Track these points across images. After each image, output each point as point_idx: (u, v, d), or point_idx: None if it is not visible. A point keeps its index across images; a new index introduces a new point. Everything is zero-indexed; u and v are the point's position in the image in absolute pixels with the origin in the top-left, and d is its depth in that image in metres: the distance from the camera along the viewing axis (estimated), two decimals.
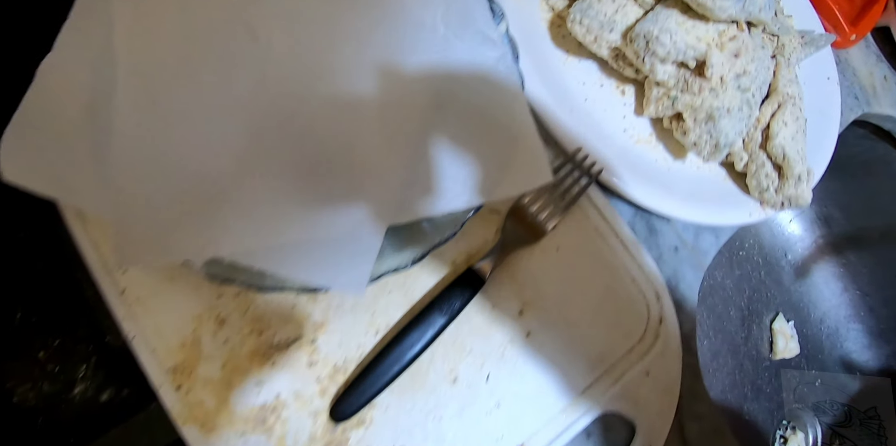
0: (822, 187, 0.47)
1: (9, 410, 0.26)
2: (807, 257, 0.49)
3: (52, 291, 0.27)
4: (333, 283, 0.21)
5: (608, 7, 0.24)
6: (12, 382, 0.27)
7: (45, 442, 0.25)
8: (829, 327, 0.49)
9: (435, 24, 0.25)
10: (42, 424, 0.26)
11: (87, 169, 0.22)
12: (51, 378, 0.26)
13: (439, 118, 0.24)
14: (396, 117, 0.23)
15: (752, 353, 0.46)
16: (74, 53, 0.23)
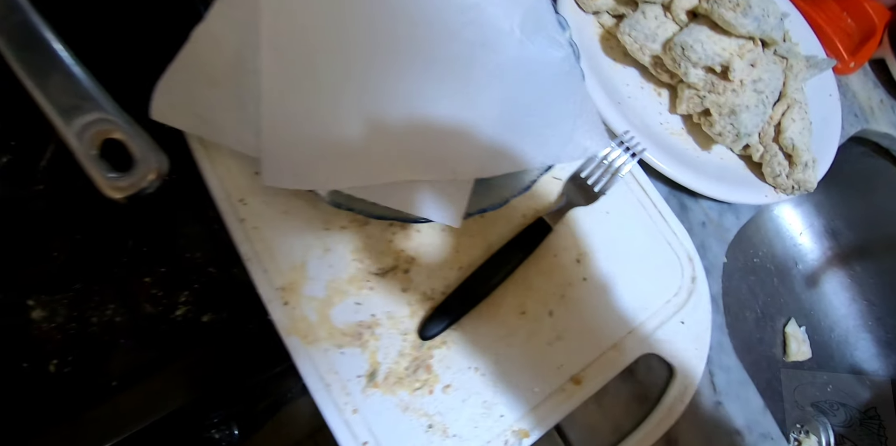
0: (829, 203, 0.55)
1: (111, 328, 0.31)
2: (816, 267, 0.56)
3: (163, 226, 0.33)
4: (434, 216, 0.27)
5: (652, 23, 0.33)
6: (118, 302, 0.32)
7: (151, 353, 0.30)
8: (840, 335, 0.54)
9: (512, 29, 0.33)
10: (146, 338, 0.30)
11: (230, 114, 0.28)
12: (154, 300, 0.31)
13: (517, 96, 0.31)
14: (482, 95, 0.31)
15: (767, 354, 0.51)
16: (224, 21, 0.31)
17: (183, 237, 0.33)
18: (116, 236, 0.33)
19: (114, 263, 0.32)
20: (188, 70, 0.30)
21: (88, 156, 0.20)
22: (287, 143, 0.27)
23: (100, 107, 0.21)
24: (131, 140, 0.20)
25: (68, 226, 0.31)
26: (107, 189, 0.20)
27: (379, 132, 0.28)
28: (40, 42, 0.23)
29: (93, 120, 0.20)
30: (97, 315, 0.32)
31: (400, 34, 0.32)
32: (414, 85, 0.30)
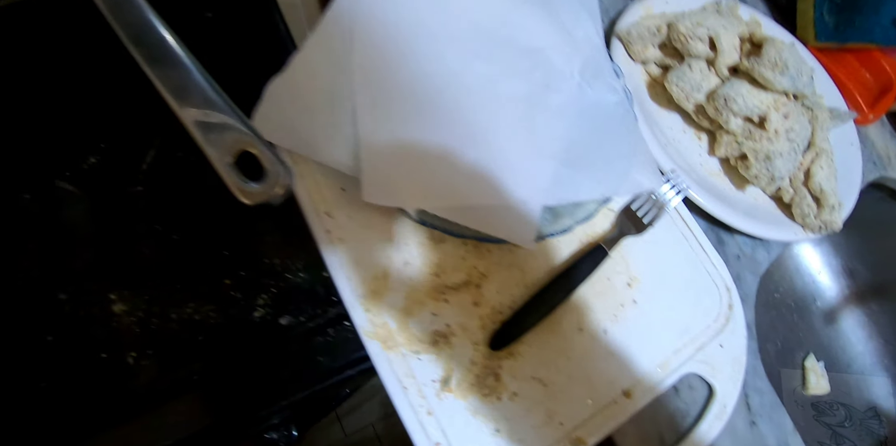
0: (847, 243, 0.60)
1: (190, 325, 0.35)
2: (834, 305, 0.60)
3: (245, 232, 0.37)
4: (510, 238, 0.31)
5: (697, 75, 0.38)
6: (197, 303, 0.36)
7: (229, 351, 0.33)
8: (857, 371, 0.58)
9: (573, 74, 0.39)
10: (225, 336, 0.34)
11: (326, 134, 0.33)
12: (233, 302, 0.35)
13: (578, 134, 0.36)
14: (548, 131, 0.36)
15: (787, 387, 0.54)
16: (319, 51, 0.36)
17: (263, 243, 0.37)
18: (204, 238, 0.37)
19: (198, 264, 0.37)
20: (287, 93, 0.35)
21: (224, 164, 0.24)
22: (383, 165, 0.31)
23: (237, 123, 0.25)
24: (263, 154, 0.25)
25: (165, 226, 0.35)
26: (239, 194, 0.24)
27: (459, 158, 0.33)
28: (182, 67, 0.28)
29: (230, 134, 0.25)
30: (177, 312, 0.36)
31: (477, 71, 0.37)
32: (488, 117, 0.35)
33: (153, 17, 0.29)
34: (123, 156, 0.40)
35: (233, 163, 0.24)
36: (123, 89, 0.43)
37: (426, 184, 0.31)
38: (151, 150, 0.37)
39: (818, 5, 0.51)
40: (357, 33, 0.37)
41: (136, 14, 0.29)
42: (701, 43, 0.38)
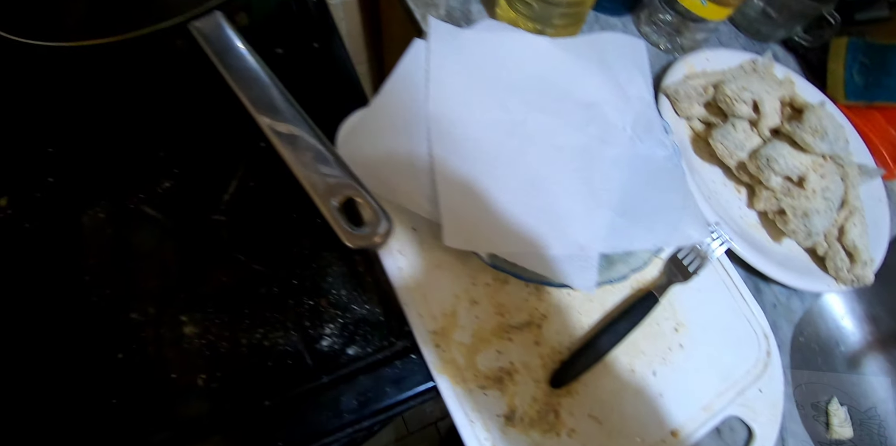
0: (870, 291, 0.63)
1: (259, 350, 0.38)
2: (857, 351, 0.63)
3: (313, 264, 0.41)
4: (573, 283, 0.35)
5: (741, 135, 0.43)
6: (266, 329, 0.39)
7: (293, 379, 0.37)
8: (880, 417, 0.61)
9: (625, 128, 0.43)
10: (290, 365, 0.37)
11: (403, 178, 0.37)
12: (302, 330, 0.38)
13: (631, 186, 0.40)
14: (603, 182, 0.40)
15: (811, 430, 0.57)
16: (397, 97, 0.40)
17: (330, 275, 0.41)
18: (280, 269, 0.40)
19: (270, 292, 0.40)
20: (365, 133, 0.39)
21: (332, 208, 0.28)
22: (459, 212, 0.35)
23: (344, 172, 0.29)
24: (367, 203, 0.28)
25: (247, 256, 0.39)
26: (346, 238, 0.28)
27: (525, 206, 0.37)
28: (299, 122, 0.32)
29: (337, 181, 0.29)
30: (247, 337, 0.39)
31: (538, 122, 0.42)
32: (549, 167, 0.40)
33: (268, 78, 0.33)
34: (203, 183, 0.44)
35: (339, 209, 0.28)
36: (209, 120, 0.47)
37: (498, 231, 0.35)
38: (234, 181, 0.41)
39: (848, 66, 0.56)
40: (431, 81, 0.41)
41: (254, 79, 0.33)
42: (745, 105, 0.42)
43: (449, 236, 0.34)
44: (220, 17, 0.37)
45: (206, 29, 0.36)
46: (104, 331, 0.40)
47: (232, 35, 0.36)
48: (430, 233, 0.37)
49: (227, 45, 0.36)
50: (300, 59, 0.51)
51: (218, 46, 0.36)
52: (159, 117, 0.48)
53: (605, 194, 0.39)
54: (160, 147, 0.47)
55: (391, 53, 0.86)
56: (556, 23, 0.46)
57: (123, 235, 0.44)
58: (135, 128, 0.47)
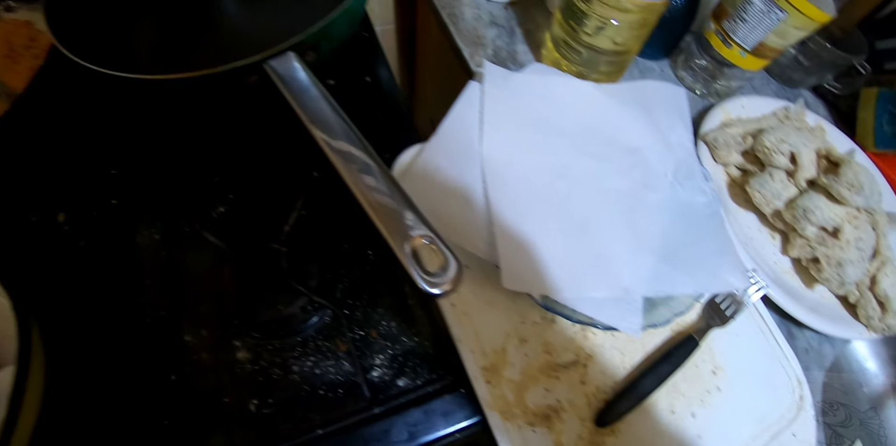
0: None
1: (311, 378, 0.40)
2: (881, 393, 0.65)
3: (364, 297, 0.43)
4: (619, 326, 0.37)
5: (778, 185, 0.45)
6: (317, 357, 0.41)
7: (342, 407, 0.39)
8: None
9: (666, 173, 0.46)
10: (341, 394, 0.39)
11: (463, 219, 0.40)
12: (353, 360, 0.41)
13: (673, 231, 0.43)
14: (647, 227, 0.42)
15: None
16: (452, 139, 0.43)
17: (380, 307, 0.43)
18: (333, 299, 0.43)
19: (323, 322, 0.42)
20: (422, 173, 0.42)
21: (407, 256, 0.30)
22: (516, 255, 0.38)
23: (417, 219, 0.32)
24: (440, 250, 0.31)
25: (306, 287, 0.41)
26: (420, 284, 0.30)
27: (574, 249, 0.39)
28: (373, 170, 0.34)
29: (411, 227, 0.31)
30: (298, 364, 0.41)
31: (584, 165, 0.44)
32: (595, 210, 0.42)
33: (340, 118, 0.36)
34: (261, 212, 0.46)
35: (412, 255, 0.30)
36: (269, 151, 0.50)
37: (551, 273, 0.37)
38: (294, 213, 0.44)
39: (878, 116, 0.59)
40: (486, 123, 0.44)
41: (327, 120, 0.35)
42: (783, 157, 0.45)
43: (507, 279, 0.36)
44: (293, 57, 0.39)
45: (280, 67, 0.39)
46: (158, 352, 0.42)
47: (303, 72, 0.39)
48: (482, 271, 0.39)
49: (299, 82, 0.39)
50: (352, 91, 0.54)
51: (291, 84, 0.38)
52: (218, 145, 0.51)
53: (648, 239, 0.42)
54: (215, 172, 0.50)
55: (424, 80, 0.90)
56: (601, 69, 0.49)
57: (178, 258, 0.46)
58: (194, 154, 0.50)
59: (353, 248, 0.45)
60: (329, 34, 0.42)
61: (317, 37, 0.41)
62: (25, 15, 0.57)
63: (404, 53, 0.91)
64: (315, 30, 0.40)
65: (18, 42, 0.52)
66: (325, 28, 0.41)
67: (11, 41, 0.53)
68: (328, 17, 0.41)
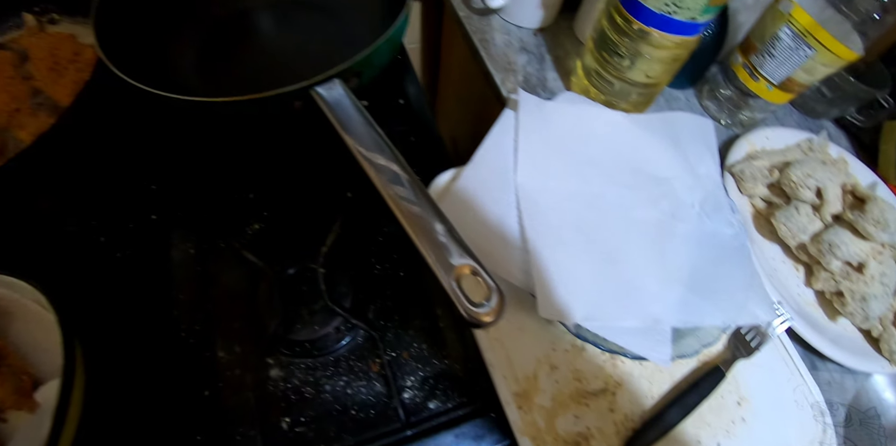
0: None
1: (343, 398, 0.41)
2: None
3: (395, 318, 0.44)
4: (649, 356, 0.38)
5: (804, 218, 0.47)
6: (349, 377, 0.42)
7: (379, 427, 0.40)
8: None
9: (694, 204, 0.47)
10: (373, 415, 0.40)
11: (499, 247, 0.41)
12: (384, 381, 0.42)
13: (700, 263, 0.44)
14: (675, 258, 0.44)
15: None
16: (488, 166, 0.44)
17: (412, 328, 0.44)
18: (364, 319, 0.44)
19: (355, 342, 0.43)
20: (458, 199, 0.43)
21: (453, 286, 0.32)
22: (551, 284, 0.39)
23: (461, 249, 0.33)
24: (485, 281, 0.32)
25: (343, 309, 0.42)
26: (464, 313, 0.31)
27: (605, 279, 0.41)
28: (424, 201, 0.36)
29: (456, 258, 0.32)
30: (331, 384, 0.42)
31: (614, 194, 0.46)
32: (624, 239, 0.43)
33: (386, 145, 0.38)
34: (298, 232, 0.48)
35: (457, 285, 0.32)
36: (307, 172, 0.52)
37: (583, 302, 0.39)
38: (332, 234, 0.45)
39: None
40: (520, 151, 0.46)
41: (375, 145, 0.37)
42: (809, 191, 0.47)
43: (543, 308, 0.37)
44: (338, 83, 0.41)
45: (326, 93, 0.40)
46: (191, 367, 0.43)
47: (347, 98, 0.41)
48: (514, 297, 0.41)
49: (344, 108, 0.40)
50: (385, 112, 0.56)
51: (336, 109, 0.40)
52: (254, 162, 0.53)
53: (676, 269, 0.43)
54: (250, 189, 0.51)
55: (446, 98, 0.92)
56: (631, 100, 0.51)
57: (212, 273, 0.47)
58: (230, 171, 0.52)
59: (384, 269, 0.46)
60: (371, 61, 0.44)
61: (361, 64, 0.42)
62: (68, 28, 0.59)
63: (428, 71, 0.93)
64: (360, 57, 0.42)
65: (63, 56, 0.54)
66: (368, 56, 0.42)
67: (56, 55, 0.55)
68: (373, 46, 0.42)
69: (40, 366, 0.40)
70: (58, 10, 0.59)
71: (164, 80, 0.47)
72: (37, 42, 0.56)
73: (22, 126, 0.51)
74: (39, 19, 0.59)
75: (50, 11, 0.59)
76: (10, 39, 0.58)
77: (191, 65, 0.53)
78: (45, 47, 0.55)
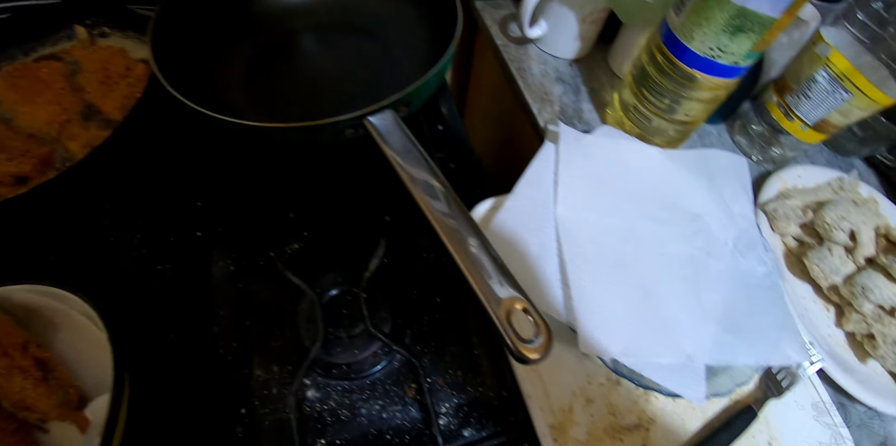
0: None
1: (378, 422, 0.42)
2: None
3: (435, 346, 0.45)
4: (684, 393, 0.39)
5: (837, 260, 0.48)
6: (385, 401, 0.43)
7: None
8: None
9: (727, 242, 0.48)
10: (408, 441, 0.41)
11: (539, 281, 0.42)
12: (418, 407, 0.43)
13: (734, 301, 0.45)
14: (709, 295, 0.45)
15: None
16: (529, 197, 0.46)
17: (447, 355, 0.45)
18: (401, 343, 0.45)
19: (390, 366, 0.45)
20: (499, 231, 0.44)
21: (504, 322, 0.33)
22: (591, 320, 0.40)
23: (510, 283, 0.34)
24: (535, 317, 0.33)
25: (383, 333, 0.44)
26: (513, 349, 0.32)
27: (641, 315, 0.42)
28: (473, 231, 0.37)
29: (506, 294, 0.34)
30: (367, 407, 0.43)
31: (649, 229, 0.47)
32: (659, 275, 0.45)
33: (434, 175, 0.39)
34: (339, 253, 0.49)
35: (508, 321, 0.33)
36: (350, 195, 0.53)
37: (622, 338, 0.40)
38: (375, 259, 0.46)
39: None
40: (560, 184, 0.47)
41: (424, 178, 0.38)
42: (842, 233, 0.48)
43: (583, 343, 0.38)
44: (391, 112, 0.43)
45: (379, 122, 0.42)
46: (229, 384, 0.44)
47: (399, 127, 0.42)
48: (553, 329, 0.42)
49: (395, 136, 0.41)
50: (426, 138, 0.57)
51: (388, 138, 0.41)
52: (295, 181, 0.54)
53: (710, 306, 0.44)
54: (291, 208, 0.53)
55: (473, 119, 0.94)
56: (668, 136, 0.52)
57: (252, 290, 0.49)
58: (272, 189, 0.53)
59: (422, 295, 0.48)
60: (421, 92, 0.45)
61: (411, 95, 0.44)
62: (118, 41, 0.61)
63: (456, 90, 0.95)
64: (412, 89, 0.43)
65: (115, 70, 0.56)
66: (419, 87, 0.44)
67: (108, 68, 0.56)
68: (424, 78, 0.44)
69: (84, 379, 0.42)
70: (109, 23, 0.61)
71: (212, 98, 0.49)
72: (89, 55, 0.58)
73: (72, 137, 0.52)
74: (91, 32, 0.61)
75: (101, 25, 0.61)
76: (62, 50, 0.60)
77: (238, 83, 0.55)
78: (97, 60, 0.57)
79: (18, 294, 0.43)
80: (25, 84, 0.55)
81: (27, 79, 0.55)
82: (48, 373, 0.40)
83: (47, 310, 0.43)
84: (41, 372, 0.40)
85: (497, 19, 0.68)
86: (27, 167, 0.49)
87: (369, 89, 0.53)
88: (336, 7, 0.60)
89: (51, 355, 0.41)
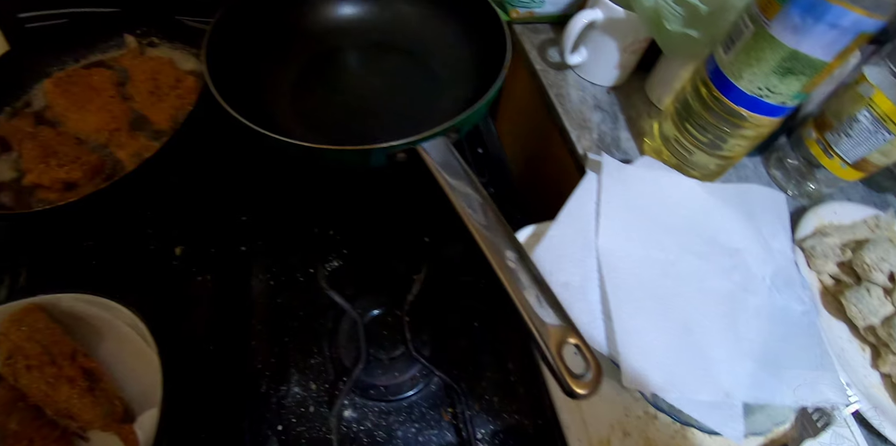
0: None
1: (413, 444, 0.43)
2: None
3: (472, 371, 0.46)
4: (722, 431, 0.39)
5: (875, 301, 0.48)
6: (421, 424, 0.44)
7: None
8: None
9: (765, 278, 0.49)
10: None
11: (582, 314, 0.43)
12: (454, 432, 0.43)
13: (771, 338, 0.46)
14: (746, 331, 0.45)
15: None
16: (569, 228, 0.46)
17: (484, 380, 0.46)
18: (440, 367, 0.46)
19: (426, 389, 0.45)
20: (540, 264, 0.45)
21: (556, 356, 0.34)
22: (633, 353, 0.41)
23: (561, 317, 0.35)
24: (586, 353, 0.34)
25: (426, 358, 0.44)
26: (566, 383, 0.33)
27: (681, 350, 0.42)
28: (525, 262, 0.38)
29: (561, 328, 0.34)
30: (403, 430, 0.44)
31: (688, 263, 0.48)
32: (697, 309, 0.45)
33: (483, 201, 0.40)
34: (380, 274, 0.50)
35: (559, 357, 0.33)
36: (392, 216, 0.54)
37: (663, 373, 0.40)
38: (417, 284, 0.47)
39: None
40: (602, 215, 0.48)
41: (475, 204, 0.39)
42: (881, 275, 0.48)
43: (626, 377, 0.39)
44: (443, 139, 0.44)
45: (431, 148, 0.43)
46: (266, 399, 0.45)
47: (450, 153, 0.43)
48: None
49: (446, 162, 0.43)
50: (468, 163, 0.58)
51: (440, 163, 0.43)
52: (338, 200, 0.55)
53: (748, 343, 0.45)
54: (332, 226, 0.54)
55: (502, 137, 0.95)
56: (710, 169, 0.53)
57: (291, 306, 0.50)
58: (315, 206, 0.55)
59: (460, 319, 0.48)
60: (472, 119, 0.47)
61: (462, 122, 0.45)
62: (167, 52, 0.63)
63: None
64: (464, 116, 0.45)
65: (165, 81, 0.58)
66: (470, 114, 0.45)
67: (158, 79, 0.58)
68: (476, 106, 0.45)
69: (127, 390, 0.42)
70: (159, 34, 0.63)
71: (261, 114, 0.50)
72: (138, 64, 0.59)
73: (121, 146, 0.54)
74: (140, 42, 0.62)
75: (151, 35, 0.63)
76: (112, 58, 0.62)
77: (284, 100, 0.56)
78: (147, 70, 0.58)
79: (66, 302, 0.44)
80: (77, 91, 0.57)
81: (79, 86, 0.57)
82: (94, 384, 0.41)
83: (93, 319, 0.44)
84: (88, 382, 0.40)
85: (536, 44, 0.69)
86: (78, 174, 0.50)
87: (416, 112, 0.54)
88: (380, 27, 0.62)
89: (98, 365, 0.42)
